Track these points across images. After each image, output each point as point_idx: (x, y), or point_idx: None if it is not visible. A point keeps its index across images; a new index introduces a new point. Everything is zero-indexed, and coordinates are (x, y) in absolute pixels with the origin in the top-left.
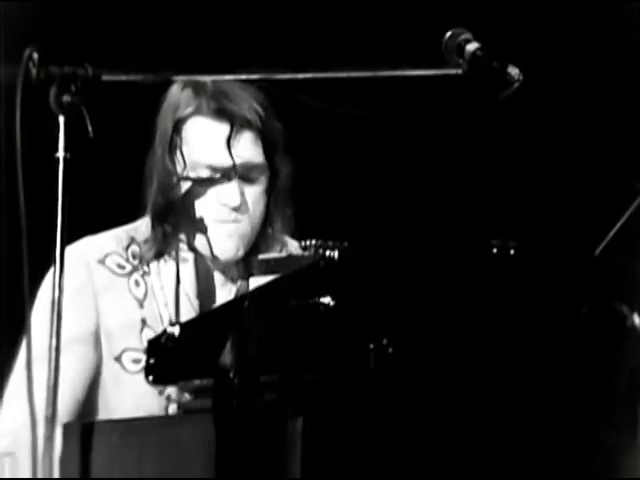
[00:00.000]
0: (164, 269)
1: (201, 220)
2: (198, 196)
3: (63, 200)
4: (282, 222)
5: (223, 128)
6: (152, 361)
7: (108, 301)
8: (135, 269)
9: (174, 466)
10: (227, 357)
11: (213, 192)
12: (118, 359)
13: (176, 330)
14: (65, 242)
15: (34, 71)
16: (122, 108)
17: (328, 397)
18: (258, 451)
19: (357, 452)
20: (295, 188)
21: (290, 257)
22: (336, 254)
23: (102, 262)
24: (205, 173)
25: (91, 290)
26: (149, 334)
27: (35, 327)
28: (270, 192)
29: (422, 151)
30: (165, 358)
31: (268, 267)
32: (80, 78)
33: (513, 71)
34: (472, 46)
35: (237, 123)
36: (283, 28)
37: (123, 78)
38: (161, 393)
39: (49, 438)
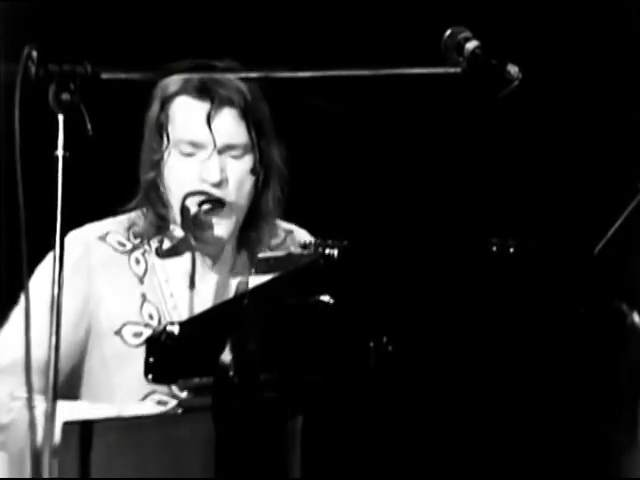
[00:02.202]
0: (166, 248)
1: (184, 198)
2: (180, 173)
3: (62, 198)
4: (272, 206)
5: (205, 105)
6: (152, 359)
7: (107, 277)
8: (136, 247)
9: (173, 464)
10: (227, 356)
11: (194, 169)
12: (118, 333)
13: (176, 329)
14: (64, 240)
15: (33, 69)
16: (121, 106)
17: (328, 395)
18: (258, 449)
19: (357, 450)
20: (295, 185)
21: (290, 255)
22: (336, 252)
23: (103, 239)
24: (187, 150)
25: (85, 268)
26: (149, 309)
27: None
28: (257, 174)
29: (422, 149)
30: (165, 356)
31: (268, 266)
32: (79, 76)
33: (512, 69)
34: (471, 44)
35: (218, 99)
36: (283, 26)
37: (122, 76)
38: None
39: (48, 434)
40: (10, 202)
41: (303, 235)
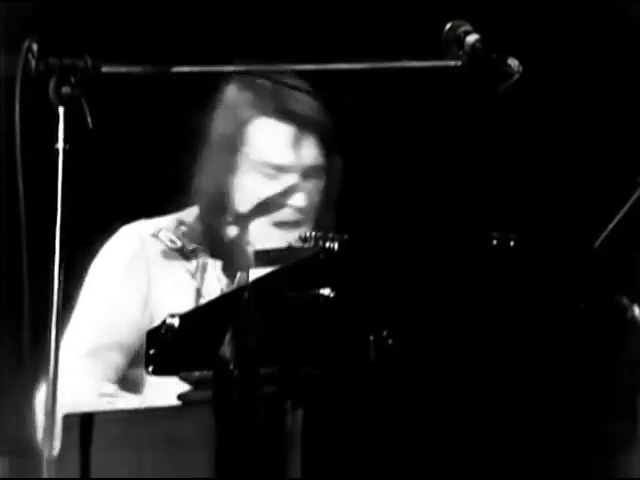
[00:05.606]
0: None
1: (258, 219)
2: (260, 196)
3: (63, 192)
4: (329, 224)
5: (288, 129)
6: (152, 352)
7: (162, 271)
8: (186, 245)
9: (174, 458)
10: (227, 349)
11: (278, 192)
12: None
13: (176, 321)
14: (65, 234)
15: (33, 63)
16: (121, 100)
17: (328, 389)
18: (258, 443)
19: (357, 444)
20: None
21: (290, 248)
22: (336, 246)
23: (156, 235)
24: (270, 173)
25: (144, 259)
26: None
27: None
28: (325, 193)
29: (422, 143)
30: (165, 349)
31: (268, 259)
32: (79, 70)
33: (513, 63)
34: (472, 38)
35: (302, 124)
36: (283, 19)
37: (122, 70)
38: None
39: (49, 430)
40: (10, 195)
41: None
